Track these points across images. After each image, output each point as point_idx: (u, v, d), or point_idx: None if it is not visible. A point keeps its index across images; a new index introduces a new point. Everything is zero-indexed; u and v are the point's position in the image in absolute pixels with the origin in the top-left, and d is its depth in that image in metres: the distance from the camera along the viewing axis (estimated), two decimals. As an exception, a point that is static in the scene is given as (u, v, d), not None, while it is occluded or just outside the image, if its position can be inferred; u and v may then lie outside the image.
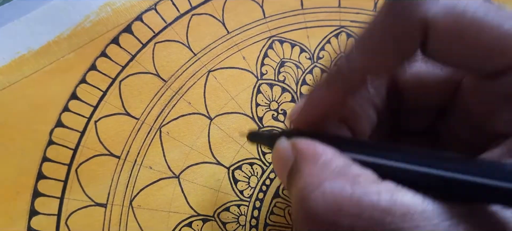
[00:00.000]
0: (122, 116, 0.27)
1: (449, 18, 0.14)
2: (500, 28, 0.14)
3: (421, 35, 0.15)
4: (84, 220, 0.26)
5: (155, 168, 0.27)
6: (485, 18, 0.14)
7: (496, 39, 0.14)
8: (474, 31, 0.14)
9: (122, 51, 0.28)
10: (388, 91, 0.19)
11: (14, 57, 0.27)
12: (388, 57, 0.16)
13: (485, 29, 0.14)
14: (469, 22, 0.14)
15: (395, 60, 0.16)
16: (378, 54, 0.16)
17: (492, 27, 0.14)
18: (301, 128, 0.19)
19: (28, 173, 0.26)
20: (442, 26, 0.14)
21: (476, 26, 0.14)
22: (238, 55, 0.29)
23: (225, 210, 0.27)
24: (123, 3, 0.29)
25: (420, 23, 0.15)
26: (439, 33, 0.15)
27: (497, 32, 0.14)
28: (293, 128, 0.19)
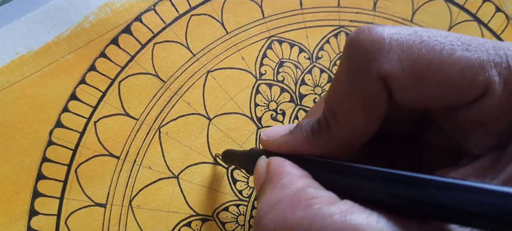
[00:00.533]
0: (121, 116, 0.28)
1: (406, 67, 0.14)
2: (458, 62, 0.14)
3: (384, 90, 0.15)
4: (84, 220, 0.26)
5: (154, 168, 0.27)
6: (441, 57, 0.14)
7: (457, 75, 0.14)
8: (434, 73, 0.14)
9: (121, 52, 0.28)
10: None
11: (13, 57, 0.27)
12: (362, 124, 0.16)
13: (444, 68, 0.14)
14: (426, 65, 0.14)
15: (370, 124, 0.16)
16: (353, 125, 0.16)
17: (450, 64, 0.14)
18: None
19: (28, 173, 0.26)
20: (401, 77, 0.14)
21: (435, 68, 0.14)
22: (237, 56, 0.29)
23: (224, 210, 0.27)
24: (122, 4, 0.29)
25: (379, 79, 0.14)
26: (400, 84, 0.14)
27: (456, 67, 0.14)
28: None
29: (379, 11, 0.31)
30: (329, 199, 0.14)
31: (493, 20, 0.32)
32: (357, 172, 0.15)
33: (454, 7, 0.32)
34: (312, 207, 0.13)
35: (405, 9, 0.32)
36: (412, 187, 0.13)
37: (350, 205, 0.13)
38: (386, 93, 0.15)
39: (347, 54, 0.15)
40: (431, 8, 0.32)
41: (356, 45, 0.15)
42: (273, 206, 0.15)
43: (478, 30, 0.32)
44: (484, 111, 0.14)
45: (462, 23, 0.32)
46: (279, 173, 0.16)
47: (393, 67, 0.14)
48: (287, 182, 0.15)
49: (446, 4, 0.32)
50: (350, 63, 0.15)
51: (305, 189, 0.15)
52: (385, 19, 0.31)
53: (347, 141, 0.16)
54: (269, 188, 0.16)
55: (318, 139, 0.17)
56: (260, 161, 0.18)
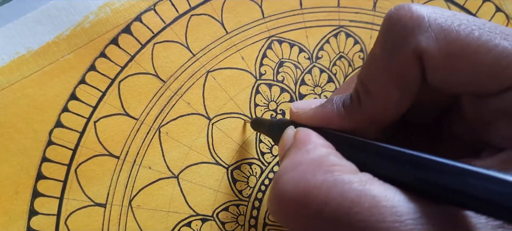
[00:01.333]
0: (121, 116, 0.28)
1: (442, 47, 0.14)
2: (495, 49, 0.14)
3: (418, 67, 0.15)
4: (84, 220, 0.26)
5: (154, 168, 0.27)
6: (478, 41, 0.14)
7: (492, 61, 0.14)
8: (469, 56, 0.14)
9: (121, 52, 0.28)
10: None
11: (13, 57, 0.27)
12: (394, 100, 0.16)
13: (480, 53, 0.14)
14: (463, 48, 0.14)
15: (402, 101, 0.16)
16: (385, 101, 0.16)
17: (487, 49, 0.14)
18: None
19: (27, 173, 0.26)
20: (436, 56, 0.14)
21: (471, 51, 0.14)
22: (237, 56, 0.29)
23: (224, 210, 0.27)
24: (122, 4, 0.29)
25: (414, 55, 0.14)
26: (435, 63, 0.14)
27: (492, 54, 0.14)
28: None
29: (379, 11, 0.31)
30: (350, 168, 0.14)
31: (493, 20, 0.32)
32: (379, 150, 0.15)
33: (454, 7, 0.32)
34: (333, 173, 0.14)
35: (405, 9, 0.32)
36: (431, 170, 0.13)
37: (370, 177, 0.14)
38: (420, 71, 0.15)
39: (384, 29, 0.15)
40: (431, 8, 0.32)
41: (395, 20, 0.15)
42: (294, 167, 0.15)
43: (478, 30, 0.32)
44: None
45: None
46: (304, 140, 0.16)
47: (430, 45, 0.14)
48: (311, 148, 0.15)
49: (446, 4, 0.32)
50: (387, 38, 0.15)
51: (328, 156, 0.15)
52: (385, 19, 0.31)
53: (378, 117, 0.16)
54: (293, 152, 0.16)
55: (349, 113, 0.17)
56: (288, 130, 0.18)
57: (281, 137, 0.18)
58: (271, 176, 0.28)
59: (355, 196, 0.13)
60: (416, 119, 0.19)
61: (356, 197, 0.13)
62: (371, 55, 0.16)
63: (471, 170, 0.12)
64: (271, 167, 0.28)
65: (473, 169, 0.12)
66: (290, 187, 0.14)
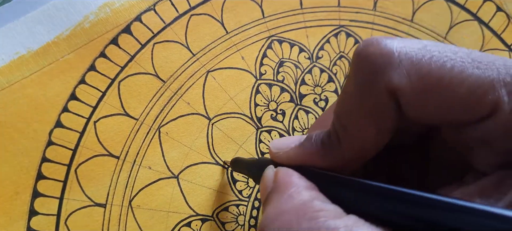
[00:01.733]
0: (121, 116, 0.27)
1: (415, 82, 0.14)
2: (468, 79, 0.13)
3: (393, 103, 0.15)
4: (84, 220, 0.26)
5: (154, 168, 0.27)
6: (451, 73, 0.14)
7: (466, 93, 0.13)
8: (443, 90, 0.14)
9: (121, 52, 0.28)
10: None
11: (13, 57, 0.27)
12: (373, 138, 0.15)
13: (454, 85, 0.13)
14: (436, 81, 0.14)
15: (380, 136, 0.16)
16: (363, 138, 0.16)
17: (460, 81, 0.13)
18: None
19: (27, 173, 0.26)
20: (409, 92, 0.14)
21: (444, 84, 0.14)
22: (237, 56, 0.29)
23: (224, 210, 0.27)
24: (122, 4, 0.29)
25: (387, 93, 0.14)
26: (409, 99, 0.14)
27: (465, 85, 0.13)
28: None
29: (379, 11, 0.31)
30: (335, 212, 0.14)
31: (494, 19, 0.32)
32: (364, 188, 0.15)
33: (455, 7, 0.32)
34: (318, 220, 0.13)
35: (405, 8, 0.32)
36: (418, 207, 0.13)
37: (356, 220, 0.13)
38: (396, 107, 0.15)
39: (355, 66, 0.15)
40: (431, 7, 0.32)
41: (364, 57, 0.15)
42: (278, 216, 0.14)
43: (479, 30, 0.32)
44: (491, 130, 0.14)
45: (463, 23, 0.32)
46: (286, 183, 0.16)
47: (402, 82, 0.14)
48: (294, 192, 0.15)
49: (447, 4, 0.32)
50: (358, 76, 0.15)
51: (312, 201, 0.15)
52: (386, 18, 0.31)
53: (358, 154, 0.16)
54: (275, 198, 0.16)
55: (329, 152, 0.17)
56: (268, 170, 0.18)
57: (262, 178, 0.18)
58: (271, 176, 0.28)
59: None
60: (398, 141, 0.19)
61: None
62: (345, 92, 0.16)
63: (461, 205, 0.12)
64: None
65: (463, 204, 0.12)
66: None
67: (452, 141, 0.16)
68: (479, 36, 0.32)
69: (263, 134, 0.29)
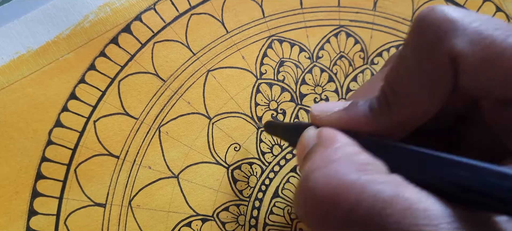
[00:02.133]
0: (121, 116, 0.27)
1: (477, 51, 0.14)
2: None
3: (451, 71, 0.14)
4: (83, 220, 0.26)
5: (154, 168, 0.27)
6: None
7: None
8: (504, 62, 0.14)
9: (121, 51, 0.28)
10: None
11: (13, 57, 0.27)
12: (425, 104, 0.15)
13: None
14: (498, 53, 0.14)
15: (432, 105, 0.15)
16: (415, 105, 0.15)
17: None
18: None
19: (27, 173, 0.26)
20: (471, 60, 0.14)
21: (506, 57, 0.13)
22: (237, 55, 0.29)
23: (225, 210, 0.27)
24: (122, 3, 0.28)
25: (448, 59, 0.14)
26: (469, 67, 0.14)
27: None
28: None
29: (379, 11, 0.31)
30: (381, 168, 0.14)
31: (494, 19, 0.32)
32: (410, 153, 0.14)
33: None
34: (365, 172, 0.13)
35: (405, 8, 0.32)
36: (462, 172, 0.13)
37: (401, 179, 0.13)
38: (453, 75, 0.14)
39: (416, 30, 0.15)
40: (431, 7, 0.32)
41: (429, 22, 0.15)
42: (326, 164, 0.14)
43: (479, 30, 0.32)
44: None
45: None
46: (331, 139, 0.16)
47: (465, 48, 0.14)
48: (340, 146, 0.15)
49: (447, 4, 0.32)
50: (419, 40, 0.15)
51: (359, 154, 0.14)
52: (386, 18, 0.31)
53: (406, 120, 0.16)
54: (320, 150, 0.15)
55: (376, 117, 0.16)
56: (309, 130, 0.18)
57: (300, 138, 0.18)
58: (271, 175, 0.28)
59: (388, 197, 0.12)
60: (433, 124, 0.19)
61: (389, 198, 0.12)
62: (400, 58, 0.16)
63: (503, 173, 0.12)
64: (272, 166, 0.28)
65: (505, 171, 0.12)
66: (322, 184, 0.14)
67: (494, 120, 0.16)
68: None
69: (263, 133, 0.28)
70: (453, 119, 0.18)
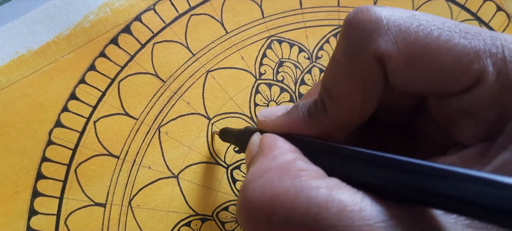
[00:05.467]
0: (121, 116, 0.28)
1: (402, 49, 0.14)
2: (454, 48, 0.14)
3: (380, 70, 0.15)
4: (83, 220, 0.26)
5: (154, 168, 0.27)
6: (438, 42, 0.14)
7: (452, 62, 0.14)
8: (429, 57, 0.14)
9: (121, 52, 0.28)
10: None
11: (13, 57, 0.27)
12: (359, 104, 0.16)
13: (440, 53, 0.14)
14: (422, 49, 0.14)
15: (367, 105, 0.16)
16: (349, 106, 0.16)
17: (447, 50, 0.14)
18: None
19: (27, 173, 0.26)
20: (396, 58, 0.14)
21: (430, 52, 0.14)
22: (236, 55, 0.29)
23: (224, 210, 0.27)
24: (122, 4, 0.29)
25: (375, 59, 0.14)
26: (395, 66, 0.14)
27: (452, 54, 0.14)
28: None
29: (379, 10, 0.31)
30: (317, 173, 0.14)
31: (494, 19, 0.32)
32: (345, 153, 0.15)
33: (455, 6, 0.32)
34: (300, 178, 0.14)
35: (405, 8, 0.31)
36: (397, 171, 0.13)
37: (337, 182, 0.13)
38: (382, 74, 0.15)
39: (344, 33, 0.15)
40: (431, 7, 0.32)
41: (354, 24, 0.15)
42: (261, 174, 0.14)
43: (479, 30, 0.32)
44: (475, 101, 0.14)
45: (463, 23, 0.32)
46: (270, 146, 0.16)
47: (389, 48, 0.14)
48: (278, 153, 0.15)
49: (447, 3, 0.32)
50: (347, 42, 0.15)
51: (295, 161, 0.15)
52: (385, 18, 0.31)
53: (343, 122, 0.16)
54: (259, 159, 0.16)
55: (315, 120, 0.17)
56: (254, 136, 0.18)
57: (248, 145, 0.18)
58: (271, 175, 0.28)
59: (322, 201, 0.13)
60: (387, 118, 0.19)
61: (324, 202, 0.13)
62: (332, 60, 0.16)
63: (438, 168, 0.12)
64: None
65: (440, 167, 0.12)
66: (258, 194, 0.14)
67: (437, 114, 0.16)
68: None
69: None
70: (406, 113, 0.19)
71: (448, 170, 0.12)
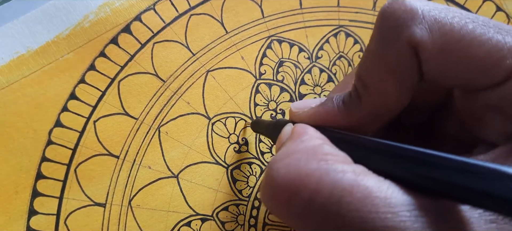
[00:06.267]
0: (121, 116, 0.27)
1: (436, 38, 0.14)
2: (488, 42, 0.14)
3: (414, 59, 0.15)
4: (83, 219, 0.26)
5: (154, 168, 0.27)
6: (472, 34, 0.14)
7: (485, 55, 0.14)
8: (463, 49, 0.14)
9: (121, 51, 0.28)
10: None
11: (13, 57, 0.27)
12: (393, 94, 0.16)
13: (474, 46, 0.14)
14: (457, 40, 0.14)
15: (401, 95, 0.16)
16: (383, 95, 0.16)
17: (481, 42, 0.14)
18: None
19: (27, 173, 0.26)
20: (431, 48, 0.14)
21: (465, 44, 0.14)
22: (236, 55, 0.29)
23: (224, 210, 0.27)
24: (122, 3, 0.29)
25: (409, 47, 0.14)
26: (429, 55, 0.14)
27: (485, 47, 0.14)
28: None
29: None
30: (344, 158, 0.14)
31: (493, 19, 0.32)
32: (374, 145, 0.15)
33: (455, 6, 0.32)
34: (326, 162, 0.13)
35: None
36: (426, 164, 0.13)
37: (363, 169, 0.13)
38: (417, 63, 0.15)
39: (379, 23, 0.15)
40: (431, 7, 0.32)
41: (389, 13, 0.15)
42: (288, 155, 0.14)
43: (478, 30, 0.32)
44: (505, 96, 0.14)
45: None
46: (300, 133, 0.16)
47: (424, 37, 0.14)
48: (307, 138, 0.15)
49: (446, 4, 0.32)
50: (381, 31, 0.15)
51: (322, 145, 0.15)
52: (385, 18, 0.31)
53: (378, 112, 0.16)
54: (288, 143, 0.16)
55: (349, 110, 0.17)
56: (286, 127, 0.18)
57: (279, 134, 0.18)
58: (271, 175, 0.28)
59: (347, 185, 0.13)
60: (409, 118, 0.19)
61: (349, 186, 0.13)
62: (367, 51, 0.16)
63: (465, 162, 0.12)
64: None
65: (467, 161, 0.12)
66: (282, 174, 0.14)
67: (464, 109, 0.16)
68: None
69: (262, 133, 0.29)
70: (429, 112, 0.19)
71: (476, 165, 0.12)
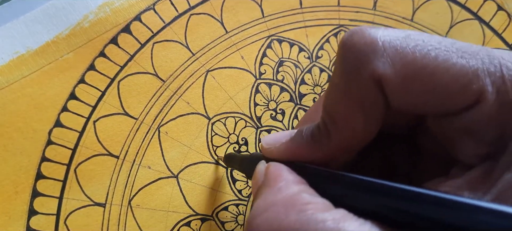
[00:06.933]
0: (120, 116, 0.27)
1: (399, 70, 0.14)
2: (452, 68, 0.13)
3: (379, 92, 0.14)
4: (83, 219, 0.26)
5: (153, 168, 0.27)
6: (435, 62, 0.14)
7: (450, 81, 0.13)
8: (427, 77, 0.14)
9: (120, 51, 0.28)
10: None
11: (12, 57, 0.27)
12: (362, 126, 0.15)
13: (438, 73, 0.14)
14: (420, 69, 0.14)
15: (369, 126, 0.16)
16: (352, 129, 0.16)
17: (444, 69, 0.13)
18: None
19: (27, 173, 0.26)
20: (394, 80, 0.14)
21: (428, 72, 0.14)
22: (236, 55, 0.29)
23: (224, 210, 0.27)
24: (122, 3, 0.28)
25: (373, 81, 0.14)
26: (394, 87, 0.14)
27: (450, 73, 0.13)
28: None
29: (379, 10, 0.31)
30: (323, 205, 0.14)
31: (495, 18, 0.32)
32: (352, 182, 0.15)
33: (455, 6, 0.32)
34: (306, 212, 0.13)
35: (405, 8, 0.31)
36: (406, 201, 0.13)
37: (344, 213, 0.13)
38: (382, 96, 0.15)
39: (340, 56, 0.15)
40: (431, 7, 0.32)
41: (349, 47, 0.15)
42: (267, 208, 0.14)
43: (479, 29, 0.32)
44: (476, 120, 0.14)
45: (463, 22, 0.32)
46: (276, 177, 0.16)
47: (386, 70, 0.14)
48: (283, 186, 0.15)
49: (447, 3, 0.32)
50: (343, 66, 0.15)
51: (300, 194, 0.15)
52: (386, 18, 0.31)
53: (347, 145, 0.16)
54: (265, 191, 0.16)
55: (319, 144, 0.17)
56: (260, 165, 0.18)
57: (253, 174, 0.18)
58: (270, 175, 0.28)
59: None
60: (391, 131, 0.19)
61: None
62: (331, 84, 0.16)
63: (443, 198, 0.12)
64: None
65: (445, 197, 0.12)
66: (264, 229, 0.14)
67: (437, 132, 0.16)
68: (479, 35, 0.32)
69: (262, 133, 0.28)
70: (409, 128, 0.19)
71: (454, 200, 0.12)
